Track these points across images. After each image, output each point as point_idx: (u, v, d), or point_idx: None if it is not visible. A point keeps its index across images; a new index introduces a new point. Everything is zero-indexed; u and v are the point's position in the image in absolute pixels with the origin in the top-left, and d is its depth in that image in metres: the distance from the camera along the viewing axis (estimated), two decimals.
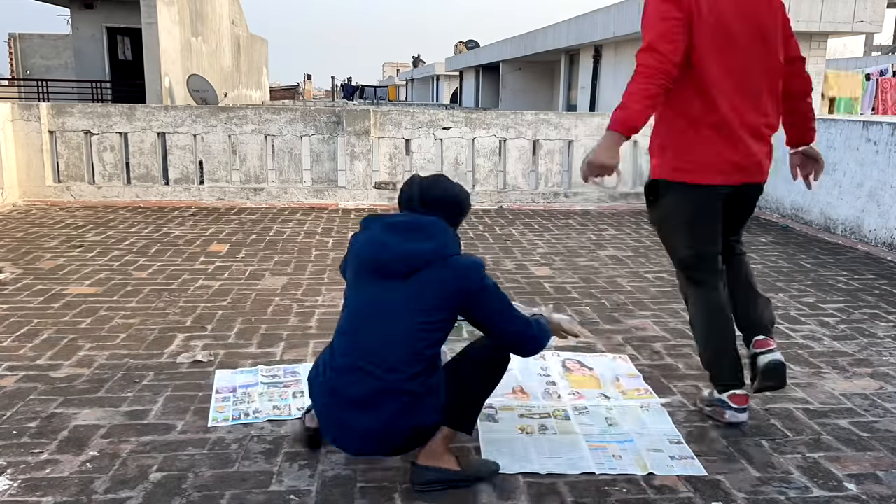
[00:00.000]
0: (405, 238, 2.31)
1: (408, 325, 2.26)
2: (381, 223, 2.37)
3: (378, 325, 2.29)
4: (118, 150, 7.90)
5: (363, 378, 2.27)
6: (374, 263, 2.34)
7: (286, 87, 49.85)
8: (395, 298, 2.29)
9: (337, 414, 2.33)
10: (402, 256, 2.29)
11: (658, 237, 3.14)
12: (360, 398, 2.27)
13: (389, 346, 2.27)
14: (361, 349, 2.30)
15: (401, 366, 2.25)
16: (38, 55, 23.47)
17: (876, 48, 28.61)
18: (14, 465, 2.51)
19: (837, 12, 13.93)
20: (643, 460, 2.62)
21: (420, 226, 2.34)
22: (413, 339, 2.26)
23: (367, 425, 2.28)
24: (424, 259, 2.28)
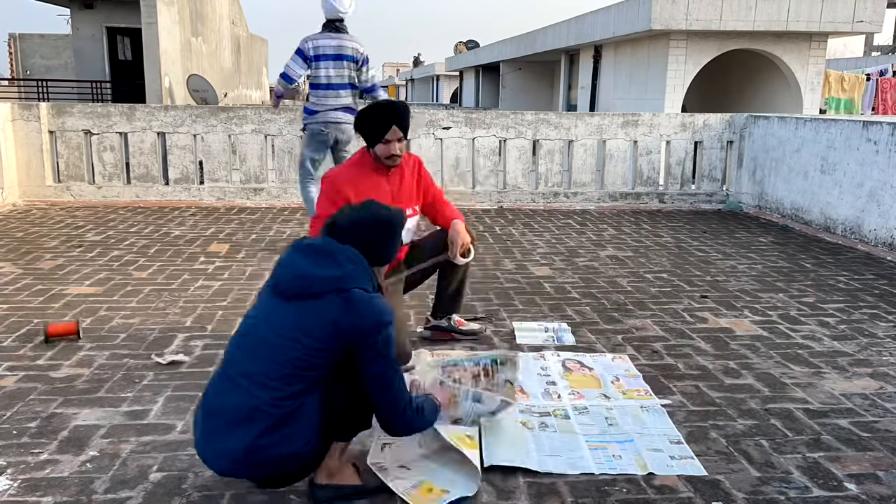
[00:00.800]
0: (312, 262, 2.21)
1: (286, 346, 2.12)
2: (298, 245, 2.29)
3: (259, 340, 2.18)
4: (118, 150, 7.90)
5: (231, 389, 2.15)
6: (275, 280, 2.25)
7: None
8: (282, 316, 2.17)
9: (205, 425, 2.19)
10: (299, 276, 2.19)
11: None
12: (225, 408, 2.14)
13: (262, 363, 2.13)
14: (237, 361, 2.20)
15: (270, 383, 2.10)
16: (38, 55, 23.46)
17: (876, 48, 28.63)
18: (14, 465, 2.51)
19: (837, 12, 13.94)
20: (643, 460, 2.62)
21: (330, 253, 2.22)
22: (288, 362, 2.11)
23: (230, 445, 2.12)
24: (321, 286, 2.16)
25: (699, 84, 15.20)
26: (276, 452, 2.11)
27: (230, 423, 2.12)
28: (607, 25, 16.18)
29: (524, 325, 4.09)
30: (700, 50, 14.56)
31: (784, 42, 14.64)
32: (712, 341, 3.89)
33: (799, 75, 14.81)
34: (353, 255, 2.24)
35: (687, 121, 8.38)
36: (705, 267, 5.54)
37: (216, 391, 2.20)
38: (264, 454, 2.11)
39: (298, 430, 2.12)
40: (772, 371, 3.48)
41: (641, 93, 15.77)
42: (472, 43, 38.44)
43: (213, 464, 2.19)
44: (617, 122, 8.32)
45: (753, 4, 13.85)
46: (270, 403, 2.10)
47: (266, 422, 2.09)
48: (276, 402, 2.10)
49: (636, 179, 8.45)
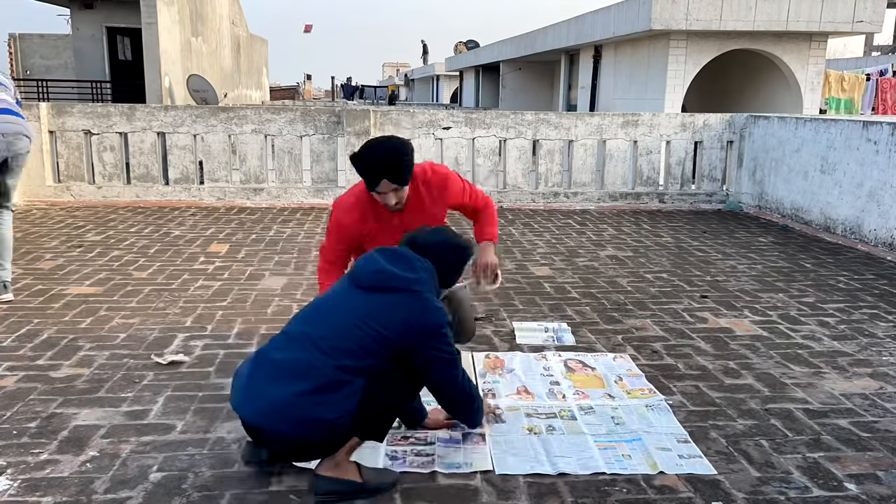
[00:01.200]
0: (392, 262, 2.42)
1: (353, 326, 2.29)
2: (381, 249, 2.50)
3: (330, 314, 2.36)
4: (118, 150, 7.90)
5: (292, 346, 2.30)
6: (355, 271, 2.45)
7: (286, 87, 49.83)
8: (356, 301, 2.36)
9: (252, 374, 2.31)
10: (377, 271, 2.40)
11: None
12: (282, 361, 2.27)
13: (330, 331, 2.30)
14: (303, 326, 2.36)
15: (330, 350, 2.26)
16: (38, 55, 23.45)
17: (876, 48, 28.62)
18: (14, 465, 2.51)
19: (837, 12, 13.94)
20: (653, 459, 2.62)
21: (408, 259, 2.45)
22: (352, 339, 2.28)
23: (272, 393, 2.23)
24: (396, 283, 2.36)
25: (699, 84, 15.20)
26: (312, 414, 2.20)
27: (281, 373, 2.24)
28: (607, 25, 16.17)
29: (524, 325, 4.09)
30: (700, 50, 14.56)
31: (784, 42, 14.64)
32: (712, 341, 3.89)
33: (799, 75, 14.81)
34: (428, 266, 2.47)
35: (687, 121, 8.38)
36: (705, 267, 5.54)
37: (276, 346, 2.33)
38: (300, 412, 2.19)
39: (339, 402, 2.22)
40: (772, 371, 3.48)
41: (641, 93, 15.77)
42: (472, 43, 38.42)
43: (247, 409, 2.27)
44: (617, 122, 8.32)
45: (753, 4, 13.85)
46: (325, 366, 2.23)
47: (315, 381, 2.21)
48: (330, 367, 2.23)
49: (636, 179, 8.45)
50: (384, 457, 2.60)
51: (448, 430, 2.78)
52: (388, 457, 2.60)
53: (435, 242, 2.54)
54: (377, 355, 2.29)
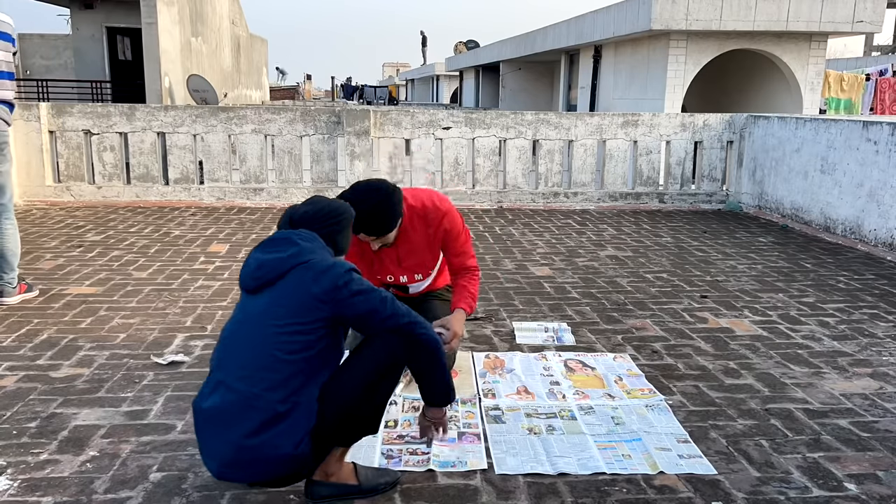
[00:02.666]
0: (268, 251, 2.24)
1: (269, 334, 2.11)
2: (257, 246, 2.31)
3: (242, 338, 2.17)
4: (118, 150, 7.90)
5: (219, 390, 2.12)
6: (241, 280, 2.28)
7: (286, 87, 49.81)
8: (254, 306, 2.19)
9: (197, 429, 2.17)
10: (259, 266, 2.21)
11: None
12: (214, 410, 2.10)
13: (243, 354, 2.13)
14: (220, 360, 2.19)
15: (261, 376, 2.07)
16: (38, 55, 23.46)
17: (876, 48, 28.62)
18: (14, 465, 2.51)
19: (837, 12, 13.94)
20: (653, 459, 2.63)
21: (282, 239, 2.26)
22: (275, 349, 2.09)
23: (219, 446, 2.09)
24: (281, 267, 2.18)
25: (699, 84, 15.20)
26: (266, 454, 2.06)
27: (220, 424, 2.09)
28: (607, 25, 16.17)
29: (524, 325, 4.09)
30: (700, 50, 14.56)
31: (784, 42, 14.64)
32: (712, 341, 3.89)
33: (799, 75, 14.81)
34: (307, 235, 2.27)
35: (687, 121, 8.38)
36: (705, 267, 5.54)
37: (204, 395, 2.17)
38: (254, 455, 2.06)
39: (290, 429, 2.07)
40: (772, 371, 3.48)
41: (641, 93, 15.77)
42: (472, 43, 38.43)
43: (209, 466, 2.16)
44: (617, 122, 8.32)
45: (753, 4, 13.85)
46: (262, 395, 2.05)
47: (256, 419, 2.04)
48: (264, 395, 2.05)
49: (636, 179, 8.45)
50: (380, 455, 2.60)
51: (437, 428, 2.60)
52: (383, 455, 2.60)
53: (311, 213, 2.35)
54: (300, 349, 2.10)
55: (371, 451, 2.62)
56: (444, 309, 3.20)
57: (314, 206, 2.38)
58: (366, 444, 2.64)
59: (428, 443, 2.59)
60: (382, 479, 2.40)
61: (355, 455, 2.56)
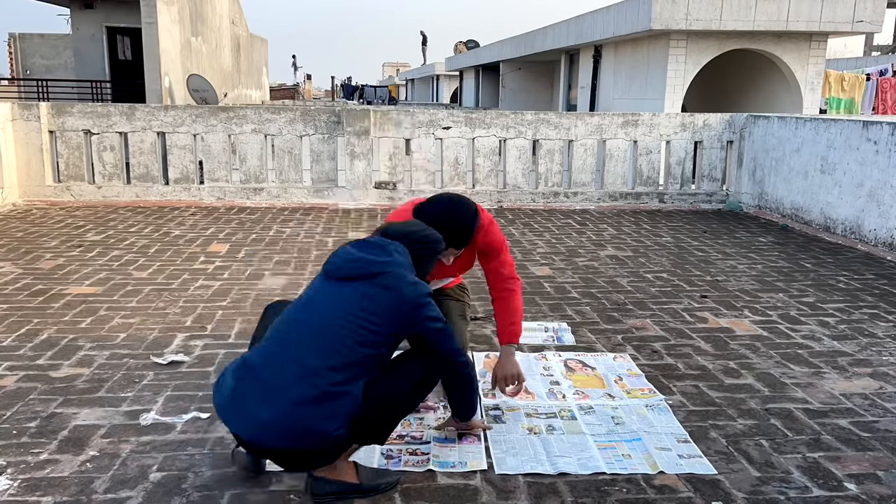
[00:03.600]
0: (363, 250, 2.37)
1: (341, 323, 2.22)
2: (353, 242, 2.44)
3: (314, 317, 2.27)
4: (118, 149, 7.90)
5: (280, 356, 2.22)
6: (328, 266, 2.38)
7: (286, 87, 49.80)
8: (337, 296, 2.29)
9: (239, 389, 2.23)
10: (352, 260, 2.33)
11: None
12: (271, 375, 2.19)
13: (316, 335, 2.22)
14: (289, 334, 2.27)
15: (323, 358, 2.18)
16: (38, 55, 23.46)
17: (876, 48, 28.61)
18: (14, 465, 2.51)
19: (837, 12, 13.94)
20: (653, 459, 2.63)
21: (380, 244, 2.40)
22: (343, 337, 2.21)
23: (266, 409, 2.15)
24: (373, 268, 2.30)
25: (699, 84, 15.20)
26: (309, 427, 2.14)
27: (272, 388, 2.17)
28: (607, 25, 16.17)
29: (524, 324, 4.06)
30: (700, 50, 14.56)
31: (784, 42, 14.64)
32: (712, 341, 3.89)
33: (799, 75, 14.81)
34: (402, 249, 2.41)
35: (687, 121, 8.38)
36: (705, 267, 5.54)
37: (263, 358, 2.25)
38: (298, 424, 2.13)
39: (337, 412, 2.16)
40: (772, 371, 3.48)
41: (641, 93, 15.76)
42: (472, 43, 38.43)
43: (239, 426, 2.20)
44: (617, 122, 8.32)
45: (753, 4, 13.85)
46: (317, 374, 2.16)
47: (311, 392, 2.14)
48: (322, 375, 2.16)
49: (636, 179, 8.45)
50: (380, 455, 2.60)
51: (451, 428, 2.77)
52: (383, 455, 2.60)
53: (407, 232, 2.50)
54: (370, 344, 2.23)
55: (371, 451, 2.61)
56: (457, 309, 3.21)
57: (412, 227, 2.55)
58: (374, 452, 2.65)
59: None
60: (383, 479, 2.41)
61: (356, 454, 2.56)
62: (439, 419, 2.89)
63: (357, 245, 2.40)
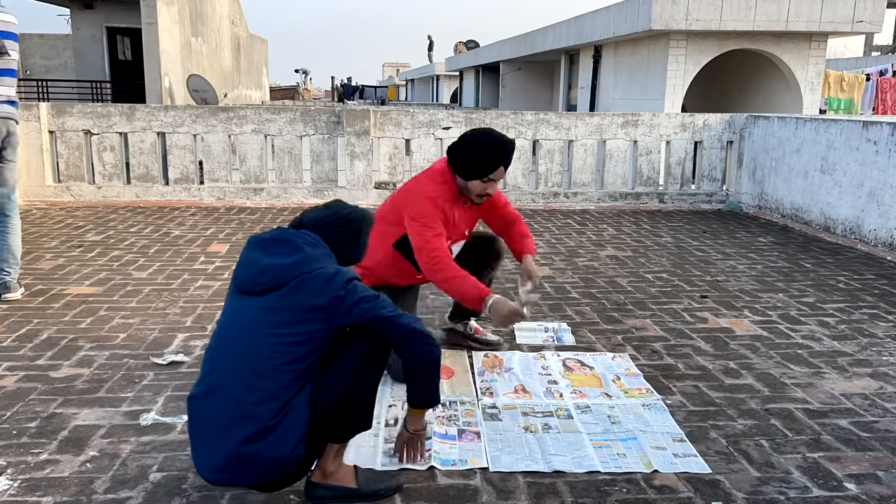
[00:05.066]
0: (267, 253, 2.19)
1: (267, 343, 2.08)
2: (255, 241, 2.26)
3: (230, 338, 2.14)
4: (118, 150, 7.90)
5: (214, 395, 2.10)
6: (238, 281, 2.22)
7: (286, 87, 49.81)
8: (255, 313, 2.13)
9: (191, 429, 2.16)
10: (262, 272, 2.16)
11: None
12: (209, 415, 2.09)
13: (236, 359, 2.10)
14: (213, 360, 2.16)
15: (256, 384, 2.05)
16: (37, 55, 23.47)
17: (876, 48, 28.62)
18: (14, 465, 2.51)
19: (837, 12, 13.94)
20: (647, 458, 2.63)
21: (286, 241, 2.21)
22: (267, 356, 2.07)
23: (214, 453, 2.07)
24: (285, 275, 2.13)
25: (699, 84, 15.20)
26: (263, 458, 2.05)
27: (216, 430, 2.07)
28: (607, 25, 16.17)
29: (524, 325, 4.08)
30: (700, 50, 14.56)
31: (784, 42, 14.64)
32: (712, 341, 3.89)
33: (799, 75, 14.81)
34: (312, 239, 2.23)
35: (687, 121, 8.38)
36: (705, 267, 5.54)
37: (203, 393, 2.14)
38: (250, 461, 2.05)
39: (285, 435, 2.06)
40: (772, 371, 3.48)
41: (641, 93, 15.77)
42: (472, 43, 38.42)
43: (202, 472, 2.14)
44: (617, 122, 8.32)
45: (753, 4, 13.85)
46: (257, 406, 2.04)
47: (252, 429, 2.03)
48: (262, 408, 2.04)
49: (636, 179, 8.45)
50: (381, 455, 2.60)
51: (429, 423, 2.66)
52: (385, 455, 2.60)
53: (322, 217, 2.30)
54: (301, 357, 2.10)
55: (373, 452, 2.61)
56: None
57: (329, 210, 2.34)
58: (368, 444, 2.65)
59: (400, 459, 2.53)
60: (383, 483, 2.38)
61: (358, 456, 2.56)
62: (439, 417, 2.89)
63: (263, 247, 2.21)
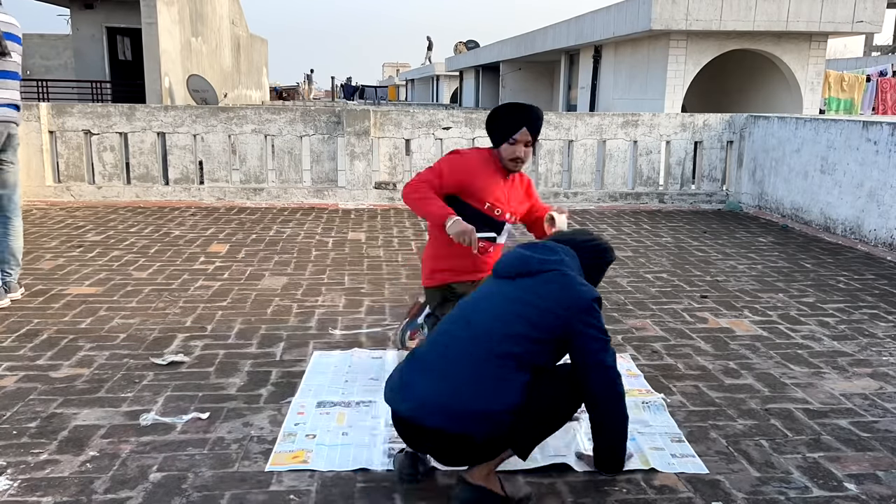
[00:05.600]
0: (530, 250, 2.44)
1: (507, 311, 2.28)
2: (521, 244, 2.52)
3: (478, 308, 2.34)
4: (118, 150, 7.90)
5: (448, 343, 2.29)
6: (497, 266, 2.45)
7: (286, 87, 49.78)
8: (503, 289, 2.36)
9: (406, 372, 2.31)
10: (520, 258, 2.41)
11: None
12: (436, 357, 2.27)
13: (484, 323, 2.28)
14: (453, 329, 2.33)
15: (488, 340, 2.23)
16: (38, 55, 23.46)
17: (876, 48, 28.63)
18: (14, 465, 2.51)
19: (837, 12, 13.94)
20: (645, 457, 2.63)
21: (548, 246, 2.46)
22: (510, 325, 2.25)
23: (431, 389, 2.21)
24: (540, 265, 2.35)
25: (699, 84, 15.20)
26: (474, 406, 2.16)
27: (441, 372, 2.23)
28: (607, 25, 16.17)
29: None
30: (700, 50, 14.56)
31: (784, 42, 14.64)
32: (712, 341, 3.89)
33: (799, 75, 14.81)
34: (571, 253, 2.46)
35: (687, 121, 8.38)
36: (705, 267, 5.54)
37: (432, 348, 2.32)
38: (462, 404, 2.16)
39: (502, 393, 2.18)
40: (772, 371, 3.48)
41: (641, 93, 15.77)
42: (472, 43, 38.42)
43: (403, 404, 2.24)
44: (617, 122, 8.32)
45: (753, 4, 13.85)
46: (484, 357, 2.20)
47: (475, 372, 2.19)
48: (489, 358, 2.20)
49: (636, 179, 8.45)
50: (381, 454, 2.60)
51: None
52: (384, 454, 2.60)
53: (577, 239, 2.54)
54: (535, 340, 2.25)
55: (372, 451, 2.61)
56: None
57: (584, 235, 2.58)
58: (368, 443, 2.65)
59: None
60: (523, 491, 2.35)
61: (357, 457, 2.56)
62: None
63: (524, 246, 2.47)
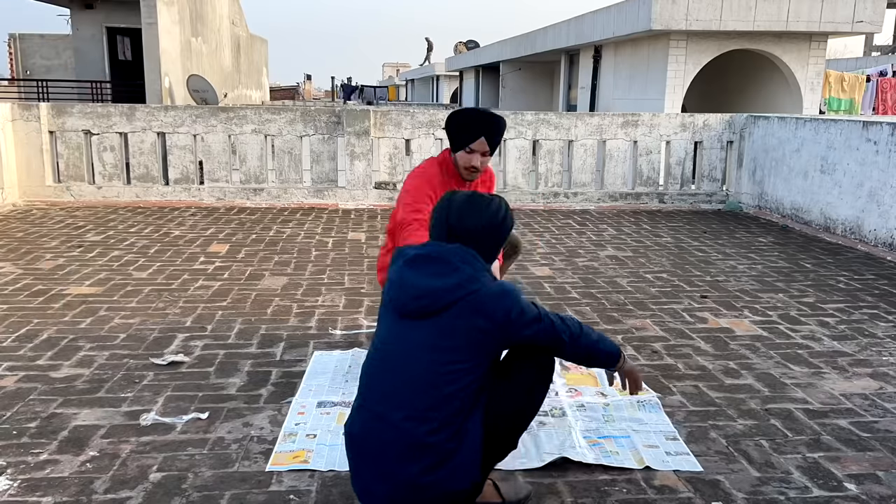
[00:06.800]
0: (428, 274, 2.09)
1: (430, 368, 2.01)
2: (404, 258, 2.17)
3: (393, 365, 2.07)
4: (118, 150, 7.90)
5: (380, 425, 2.03)
6: (393, 303, 2.13)
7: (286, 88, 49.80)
8: (414, 337, 2.06)
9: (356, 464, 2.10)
10: (419, 296, 2.07)
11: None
12: (377, 446, 2.03)
13: (403, 389, 2.02)
14: (374, 388, 2.09)
15: (428, 414, 1.99)
16: (38, 55, 23.46)
17: (876, 48, 28.62)
18: (14, 465, 2.51)
19: (837, 12, 13.94)
20: (640, 455, 2.64)
21: (441, 257, 2.11)
22: (438, 384, 2.00)
23: (386, 484, 2.01)
24: (447, 298, 2.04)
25: (699, 84, 15.20)
26: (441, 490, 2.01)
27: (387, 460, 2.01)
28: (607, 25, 16.17)
29: None
30: (700, 50, 14.56)
31: (784, 42, 14.64)
32: (712, 341, 3.89)
33: (799, 75, 14.81)
34: (466, 255, 2.13)
35: (687, 121, 8.38)
36: (705, 267, 5.54)
37: (363, 428, 2.07)
38: (428, 493, 2.00)
39: (463, 463, 2.02)
40: (772, 371, 3.48)
41: (641, 93, 15.77)
42: (472, 43, 38.43)
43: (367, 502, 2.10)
44: (617, 123, 8.32)
45: (753, 4, 13.85)
46: (431, 436, 1.98)
47: (430, 457, 1.98)
48: (437, 434, 1.98)
49: (636, 179, 8.45)
50: None
51: None
52: None
53: (473, 227, 2.16)
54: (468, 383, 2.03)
55: None
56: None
57: (479, 217, 2.18)
58: None
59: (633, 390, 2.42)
60: (521, 491, 2.33)
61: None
62: None
63: (417, 267, 2.11)
